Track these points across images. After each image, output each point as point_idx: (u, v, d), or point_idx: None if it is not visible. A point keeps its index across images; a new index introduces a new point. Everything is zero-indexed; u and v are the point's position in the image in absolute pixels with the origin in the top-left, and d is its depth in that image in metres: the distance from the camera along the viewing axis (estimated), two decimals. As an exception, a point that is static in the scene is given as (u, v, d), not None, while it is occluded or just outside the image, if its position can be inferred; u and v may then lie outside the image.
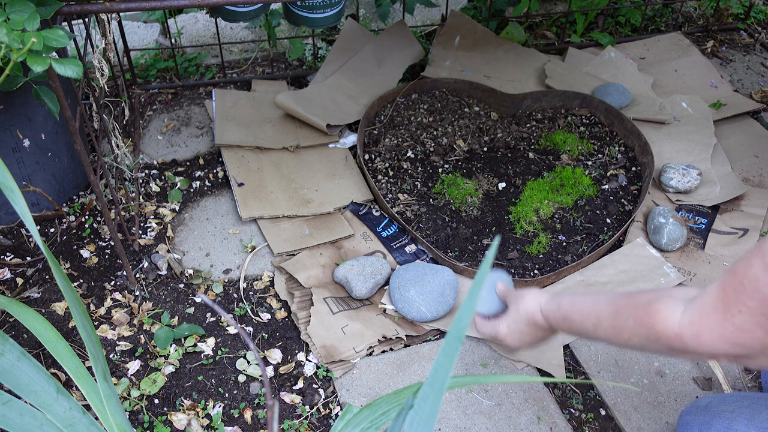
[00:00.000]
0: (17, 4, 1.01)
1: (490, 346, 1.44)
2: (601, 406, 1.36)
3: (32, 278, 1.55)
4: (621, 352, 1.44)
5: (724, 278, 0.75)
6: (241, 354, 1.43)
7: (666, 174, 1.77)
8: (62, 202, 1.71)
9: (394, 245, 1.63)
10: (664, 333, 0.80)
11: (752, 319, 0.71)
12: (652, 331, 0.83)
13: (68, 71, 1.02)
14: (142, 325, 1.46)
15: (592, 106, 1.97)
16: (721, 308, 0.74)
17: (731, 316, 0.73)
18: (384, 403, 0.87)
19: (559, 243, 1.65)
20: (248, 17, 1.73)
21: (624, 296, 0.92)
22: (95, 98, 1.47)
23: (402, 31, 2.09)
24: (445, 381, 0.50)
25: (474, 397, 1.35)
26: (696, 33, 2.45)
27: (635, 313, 0.86)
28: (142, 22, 2.36)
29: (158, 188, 1.78)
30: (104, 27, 1.46)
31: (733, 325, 0.73)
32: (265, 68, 2.20)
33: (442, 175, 1.79)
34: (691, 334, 0.77)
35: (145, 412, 1.32)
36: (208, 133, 1.95)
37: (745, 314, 0.71)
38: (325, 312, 1.45)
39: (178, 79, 2.11)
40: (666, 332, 0.80)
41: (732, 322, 0.73)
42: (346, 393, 1.35)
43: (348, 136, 1.91)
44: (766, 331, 0.71)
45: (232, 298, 1.53)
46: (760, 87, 2.21)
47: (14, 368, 0.91)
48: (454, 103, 2.01)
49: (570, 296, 1.05)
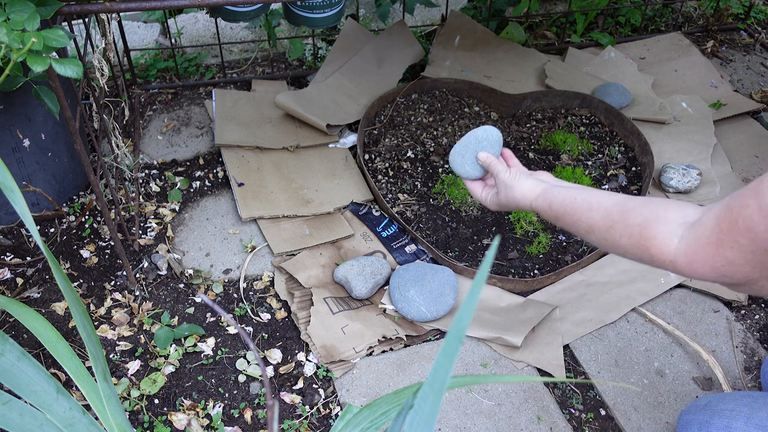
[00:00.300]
0: (17, 4, 1.01)
1: (490, 346, 1.44)
2: (601, 406, 1.36)
3: (32, 278, 1.55)
4: (621, 352, 1.44)
5: (720, 212, 0.77)
6: (241, 354, 1.43)
7: (666, 174, 1.77)
8: (62, 202, 1.71)
9: (394, 245, 1.63)
10: (659, 257, 0.84)
11: (742, 255, 0.75)
12: (646, 253, 0.86)
13: (68, 71, 1.02)
14: (142, 325, 1.46)
15: (592, 106, 1.97)
16: (714, 242, 0.77)
17: (723, 251, 0.76)
18: (384, 403, 0.87)
19: (559, 243, 1.65)
20: (248, 17, 1.73)
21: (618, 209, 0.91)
22: (95, 98, 1.47)
23: (402, 31, 2.09)
24: (445, 381, 0.50)
25: (474, 397, 1.35)
26: (696, 33, 2.45)
27: (630, 231, 0.87)
28: (142, 22, 2.36)
29: (158, 188, 1.78)
30: (104, 27, 1.46)
31: (724, 259, 0.76)
32: (265, 68, 2.20)
33: (442, 175, 1.79)
34: (685, 262, 0.81)
35: (145, 412, 1.32)
36: (208, 133, 1.95)
37: (736, 250, 0.75)
38: (325, 312, 1.45)
39: (178, 79, 2.11)
40: (661, 257, 0.83)
41: (723, 256, 0.76)
42: (346, 393, 1.35)
43: (348, 136, 1.91)
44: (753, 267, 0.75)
45: (232, 298, 1.53)
46: (760, 87, 2.21)
47: (14, 368, 0.90)
48: (454, 103, 2.01)
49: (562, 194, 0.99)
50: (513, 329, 1.42)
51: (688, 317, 1.51)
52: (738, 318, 1.52)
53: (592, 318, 1.49)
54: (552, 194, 1.01)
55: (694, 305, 1.53)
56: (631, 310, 1.51)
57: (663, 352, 1.44)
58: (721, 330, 1.49)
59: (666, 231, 0.83)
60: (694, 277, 0.81)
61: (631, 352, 1.44)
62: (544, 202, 1.02)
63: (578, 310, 1.50)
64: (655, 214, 0.86)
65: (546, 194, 1.02)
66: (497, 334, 1.42)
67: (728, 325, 1.50)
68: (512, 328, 1.42)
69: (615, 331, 1.48)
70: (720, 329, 1.49)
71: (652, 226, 0.85)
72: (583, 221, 0.95)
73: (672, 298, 1.54)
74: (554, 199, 1.00)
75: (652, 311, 1.51)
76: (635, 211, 0.88)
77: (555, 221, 1.01)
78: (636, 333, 1.48)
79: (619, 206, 0.91)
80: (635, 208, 0.89)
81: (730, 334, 1.48)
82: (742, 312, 1.54)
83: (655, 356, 1.43)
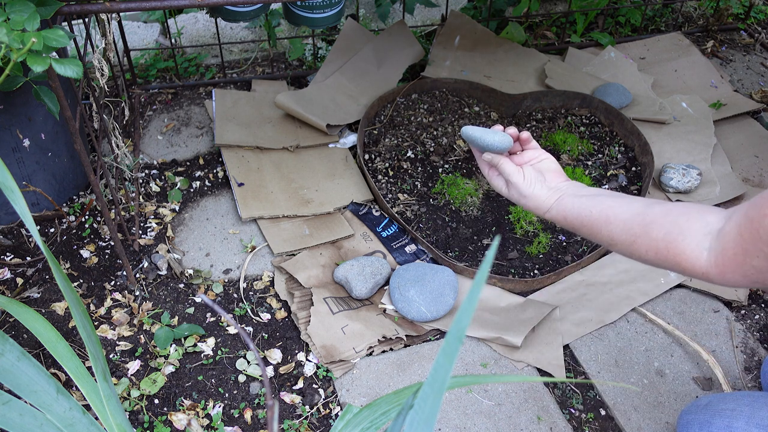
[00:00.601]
0: (17, 4, 1.01)
1: (490, 346, 1.44)
2: (601, 406, 1.36)
3: (32, 278, 1.55)
4: (621, 352, 1.44)
5: (741, 221, 0.79)
6: (241, 354, 1.43)
7: (666, 174, 1.77)
8: (62, 202, 1.71)
9: (394, 245, 1.63)
10: (691, 271, 0.86)
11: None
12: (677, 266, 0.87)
13: (68, 71, 1.02)
14: (142, 325, 1.46)
15: (592, 106, 1.97)
16: (740, 252, 0.79)
17: (750, 260, 0.79)
18: (384, 403, 0.87)
19: (559, 243, 1.65)
20: (248, 17, 1.73)
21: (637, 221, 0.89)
22: (95, 98, 1.47)
23: (402, 31, 2.09)
24: (445, 381, 0.50)
25: (474, 397, 1.35)
26: (696, 33, 2.45)
27: (655, 246, 0.88)
28: (142, 22, 2.36)
29: (158, 188, 1.78)
30: (104, 27, 1.46)
31: (752, 268, 0.79)
32: (265, 68, 2.20)
33: (442, 175, 1.79)
34: (716, 273, 0.83)
35: (145, 412, 1.32)
36: (208, 133, 1.95)
37: (762, 259, 0.77)
38: (325, 312, 1.45)
39: (178, 79, 2.11)
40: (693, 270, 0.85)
41: (751, 265, 0.79)
42: (346, 393, 1.35)
43: (348, 136, 1.91)
44: None
45: (232, 298, 1.53)
46: (760, 87, 2.21)
47: (14, 368, 0.90)
48: (454, 103, 2.01)
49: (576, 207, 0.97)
50: (513, 329, 1.42)
51: (688, 317, 1.51)
52: (738, 318, 1.52)
53: (592, 318, 1.49)
54: (566, 206, 0.99)
55: (694, 305, 1.53)
56: (631, 310, 1.51)
57: (663, 352, 1.44)
58: (721, 330, 1.49)
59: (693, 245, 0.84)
60: (728, 285, 0.84)
61: (631, 352, 1.44)
62: (558, 214, 1.00)
63: (578, 310, 1.50)
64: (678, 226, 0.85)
65: (559, 206, 1.00)
66: (497, 334, 1.42)
67: (728, 325, 1.50)
68: (512, 328, 1.42)
69: (615, 331, 1.48)
70: (720, 329, 1.49)
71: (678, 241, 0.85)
72: (603, 234, 0.94)
73: (672, 298, 1.54)
74: (569, 212, 0.98)
75: (652, 311, 1.51)
76: (656, 224, 0.87)
77: (574, 232, 1.00)
78: (636, 333, 1.48)
79: (639, 218, 0.90)
80: (656, 221, 0.88)
81: (730, 334, 1.48)
82: (742, 312, 1.54)
83: (655, 356, 1.43)
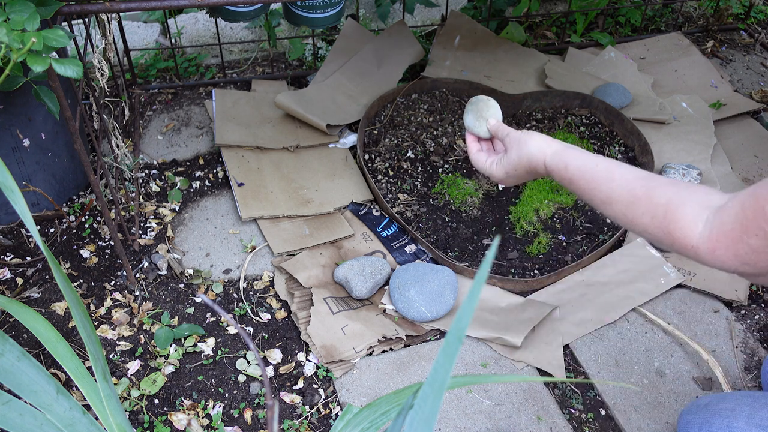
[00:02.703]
0: (17, 4, 1.01)
1: (490, 346, 1.44)
2: (601, 406, 1.36)
3: (32, 278, 1.55)
4: (621, 352, 1.44)
5: (745, 199, 0.76)
6: (241, 354, 1.43)
7: (666, 174, 1.77)
8: (62, 202, 1.71)
9: (394, 245, 1.63)
10: (681, 242, 0.82)
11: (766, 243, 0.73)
12: (668, 236, 0.84)
13: (68, 71, 1.02)
14: (142, 325, 1.46)
15: (592, 106, 1.97)
16: (738, 229, 0.76)
17: (747, 238, 0.75)
18: (384, 403, 0.87)
19: (559, 243, 1.65)
20: (248, 17, 1.73)
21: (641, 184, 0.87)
22: (95, 98, 1.47)
23: (402, 31, 2.09)
24: (445, 381, 0.50)
25: (474, 397, 1.35)
26: (696, 33, 2.45)
27: (654, 210, 0.84)
28: (142, 22, 2.36)
29: (158, 188, 1.78)
30: (104, 27, 1.46)
31: (747, 246, 0.75)
32: (265, 68, 2.20)
33: (442, 175, 1.79)
34: (707, 249, 0.79)
35: (145, 412, 1.32)
36: (208, 133, 1.95)
37: (761, 238, 0.74)
38: (325, 312, 1.45)
39: (178, 79, 2.11)
40: (683, 241, 0.81)
41: (747, 243, 0.75)
42: (346, 393, 1.35)
43: (348, 136, 1.91)
44: None
45: (232, 298, 1.53)
46: (760, 87, 2.21)
47: (14, 368, 0.90)
48: (454, 103, 2.01)
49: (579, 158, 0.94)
50: (513, 329, 1.42)
51: (688, 317, 1.51)
52: (738, 318, 1.52)
53: (592, 318, 1.49)
54: (569, 155, 0.95)
55: (694, 305, 1.53)
56: (631, 310, 1.51)
57: (663, 352, 1.44)
58: (721, 330, 1.49)
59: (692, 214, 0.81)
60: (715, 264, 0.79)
61: (631, 352, 1.44)
62: (560, 161, 0.96)
63: (578, 310, 1.50)
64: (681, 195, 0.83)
65: (563, 153, 0.96)
66: (497, 334, 1.42)
67: (728, 325, 1.50)
68: (512, 328, 1.42)
69: (615, 331, 1.48)
70: (720, 329, 1.49)
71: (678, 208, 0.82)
72: (602, 190, 0.91)
73: (672, 298, 1.54)
74: (571, 161, 0.94)
75: (652, 311, 1.51)
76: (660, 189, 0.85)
77: (568, 185, 0.96)
78: (636, 333, 1.48)
79: (643, 181, 0.87)
80: (660, 186, 0.85)
81: (730, 334, 1.48)
82: (742, 312, 1.54)
83: (655, 356, 1.43)
